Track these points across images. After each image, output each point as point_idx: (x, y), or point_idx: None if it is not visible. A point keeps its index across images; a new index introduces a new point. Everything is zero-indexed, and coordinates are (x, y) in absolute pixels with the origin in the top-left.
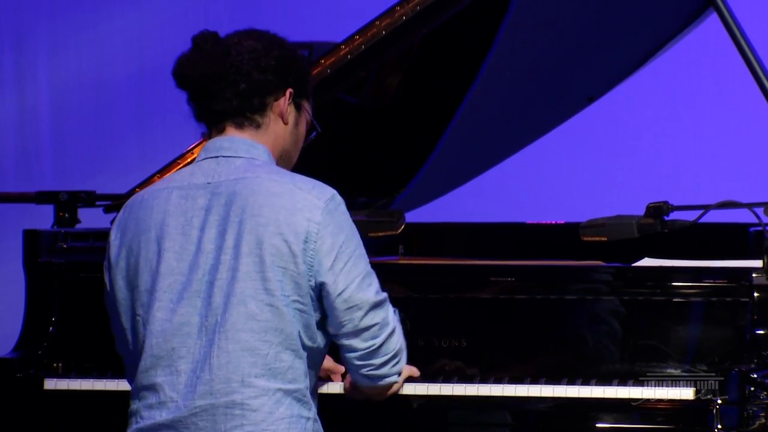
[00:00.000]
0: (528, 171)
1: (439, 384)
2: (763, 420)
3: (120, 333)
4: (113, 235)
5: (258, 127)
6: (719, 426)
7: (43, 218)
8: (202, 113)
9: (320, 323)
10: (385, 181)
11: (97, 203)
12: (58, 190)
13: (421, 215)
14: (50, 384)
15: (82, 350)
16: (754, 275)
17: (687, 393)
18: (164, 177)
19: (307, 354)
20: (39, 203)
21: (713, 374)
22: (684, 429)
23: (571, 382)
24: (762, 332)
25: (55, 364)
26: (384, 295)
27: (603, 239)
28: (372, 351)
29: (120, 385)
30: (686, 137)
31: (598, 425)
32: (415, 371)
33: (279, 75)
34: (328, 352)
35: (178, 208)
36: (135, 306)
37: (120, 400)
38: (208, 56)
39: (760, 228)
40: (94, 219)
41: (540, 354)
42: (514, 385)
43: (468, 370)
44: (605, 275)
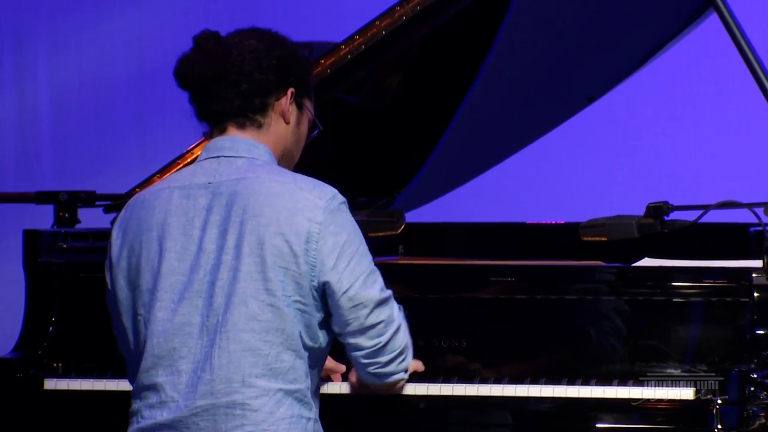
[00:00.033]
0: (528, 171)
1: (439, 384)
2: (763, 420)
3: (121, 333)
4: (115, 235)
5: (260, 127)
6: (719, 426)
7: (43, 218)
8: (204, 113)
9: (322, 323)
10: (385, 181)
11: (97, 203)
12: (58, 190)
13: (421, 215)
14: (50, 384)
15: (82, 350)
16: (754, 275)
17: (687, 393)
18: (165, 177)
19: (309, 354)
20: (39, 203)
21: (713, 374)
22: (684, 429)
23: (571, 382)
24: (762, 332)
25: (55, 364)
26: (389, 293)
27: (603, 239)
28: (378, 349)
29: (120, 385)
30: (686, 137)
31: (598, 425)
32: (420, 365)
33: (281, 74)
34: (329, 352)
35: (180, 208)
36: (136, 306)
37: (120, 400)
38: (210, 56)
39: (760, 228)
40: (94, 219)
41: (540, 354)
42: (514, 385)
43: (468, 370)
44: (605, 275)
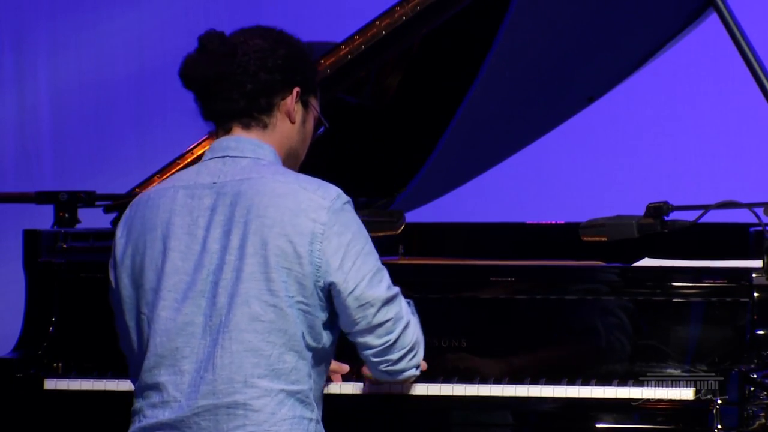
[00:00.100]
0: (528, 171)
1: (439, 384)
2: (763, 420)
3: (124, 331)
4: (119, 233)
5: (265, 127)
6: (719, 426)
7: (43, 218)
8: (209, 113)
9: (326, 324)
10: (385, 181)
11: (97, 203)
12: (58, 190)
13: (421, 215)
14: (50, 384)
15: (82, 350)
16: (754, 275)
17: (687, 393)
18: (169, 176)
19: (312, 355)
20: (39, 203)
21: (713, 374)
22: (684, 429)
23: (571, 382)
24: (762, 332)
25: (55, 364)
26: (396, 290)
27: (603, 239)
28: (388, 347)
29: (120, 386)
30: (686, 137)
31: (598, 425)
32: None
33: (286, 74)
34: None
35: (184, 208)
36: (140, 304)
37: (120, 401)
38: (215, 57)
39: (760, 228)
40: (94, 219)
41: (540, 354)
42: (514, 386)
43: (468, 370)
44: (605, 275)
